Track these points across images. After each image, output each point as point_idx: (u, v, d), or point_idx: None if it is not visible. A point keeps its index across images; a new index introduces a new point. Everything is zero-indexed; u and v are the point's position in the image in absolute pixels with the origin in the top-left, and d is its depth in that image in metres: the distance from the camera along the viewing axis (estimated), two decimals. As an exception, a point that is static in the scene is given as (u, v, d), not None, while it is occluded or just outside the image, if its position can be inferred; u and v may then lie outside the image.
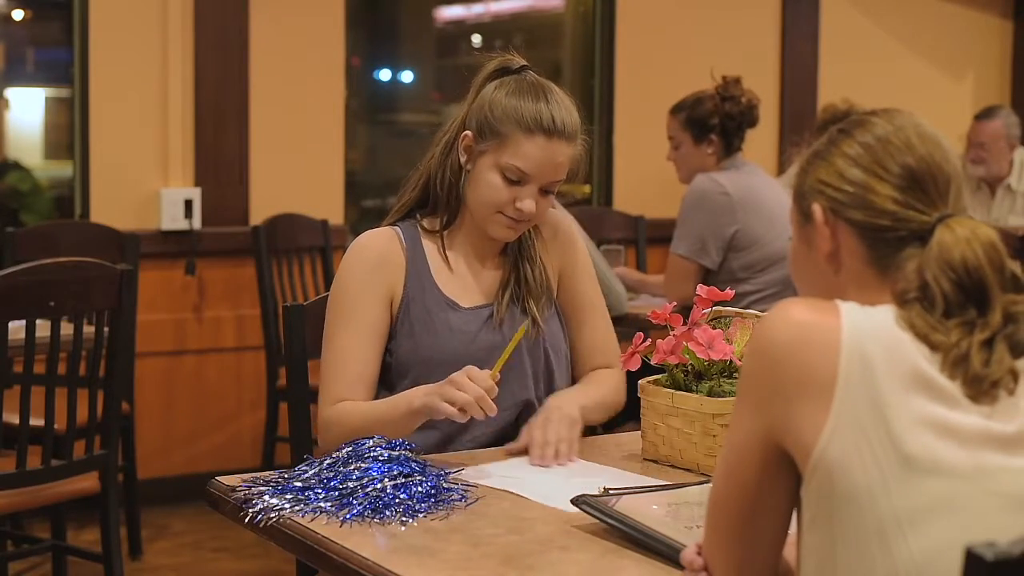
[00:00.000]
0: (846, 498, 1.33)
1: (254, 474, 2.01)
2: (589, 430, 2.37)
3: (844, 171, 1.45)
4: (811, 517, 1.37)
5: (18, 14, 5.47)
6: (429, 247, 2.36)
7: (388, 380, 2.31)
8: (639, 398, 2.24)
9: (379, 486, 1.88)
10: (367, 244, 2.34)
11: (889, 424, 1.32)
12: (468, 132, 2.31)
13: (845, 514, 1.33)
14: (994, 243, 1.39)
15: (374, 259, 2.31)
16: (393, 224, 2.38)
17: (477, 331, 2.32)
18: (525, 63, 2.36)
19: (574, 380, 2.42)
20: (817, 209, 1.46)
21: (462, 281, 2.36)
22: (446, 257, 2.36)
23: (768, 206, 4.08)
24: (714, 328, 2.16)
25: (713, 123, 4.17)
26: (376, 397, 2.29)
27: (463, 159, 2.32)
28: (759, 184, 4.18)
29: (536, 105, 2.26)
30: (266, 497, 1.89)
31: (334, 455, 1.99)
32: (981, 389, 1.35)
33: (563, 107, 2.28)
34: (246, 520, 1.88)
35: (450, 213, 2.36)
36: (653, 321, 2.24)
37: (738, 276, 4.08)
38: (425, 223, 2.38)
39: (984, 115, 5.77)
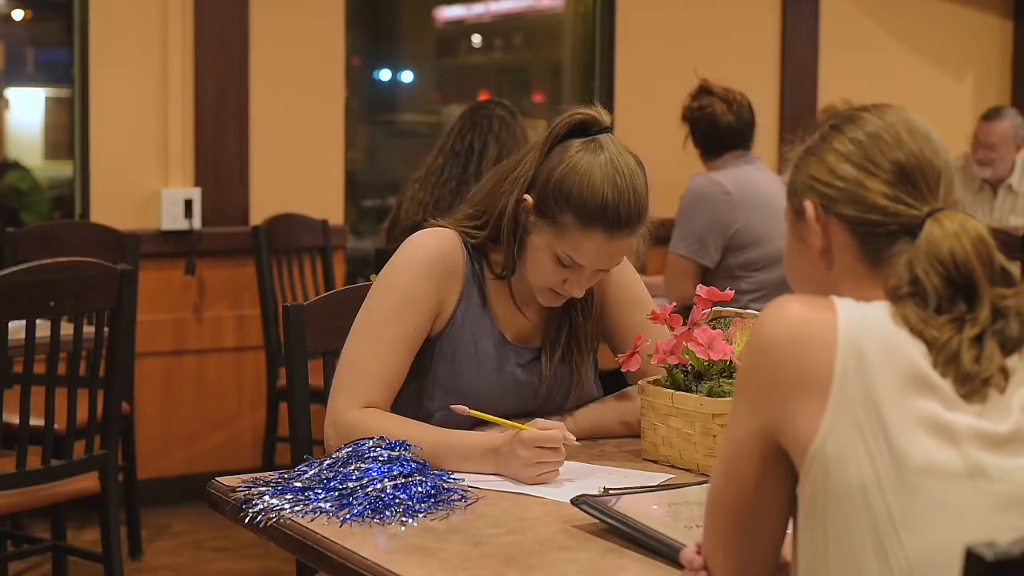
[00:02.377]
0: (840, 496, 1.33)
1: (254, 474, 2.01)
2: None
3: (835, 167, 1.46)
4: (806, 514, 1.37)
5: (18, 14, 5.48)
6: (487, 268, 2.25)
7: (407, 390, 2.22)
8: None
9: (379, 486, 1.88)
10: (432, 246, 2.20)
11: (885, 422, 1.33)
12: (528, 198, 2.16)
13: (839, 512, 1.34)
14: (982, 237, 1.40)
15: (438, 266, 2.18)
16: (458, 228, 2.24)
17: (518, 372, 2.25)
18: (607, 124, 2.17)
19: None
20: (809, 205, 1.47)
21: (513, 313, 2.26)
22: (503, 287, 2.25)
23: (770, 204, 4.08)
24: (714, 328, 2.16)
25: (684, 116, 4.27)
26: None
27: (522, 219, 2.18)
28: (762, 181, 4.19)
29: (602, 194, 2.09)
30: (266, 497, 1.89)
31: (334, 455, 1.99)
32: (972, 387, 1.35)
33: (633, 193, 2.11)
34: (246, 520, 1.88)
35: (511, 259, 2.22)
36: (653, 321, 2.24)
37: (736, 274, 4.09)
38: (490, 250, 2.25)
39: (992, 115, 5.74)
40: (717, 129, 4.24)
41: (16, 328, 3.05)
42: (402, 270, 2.19)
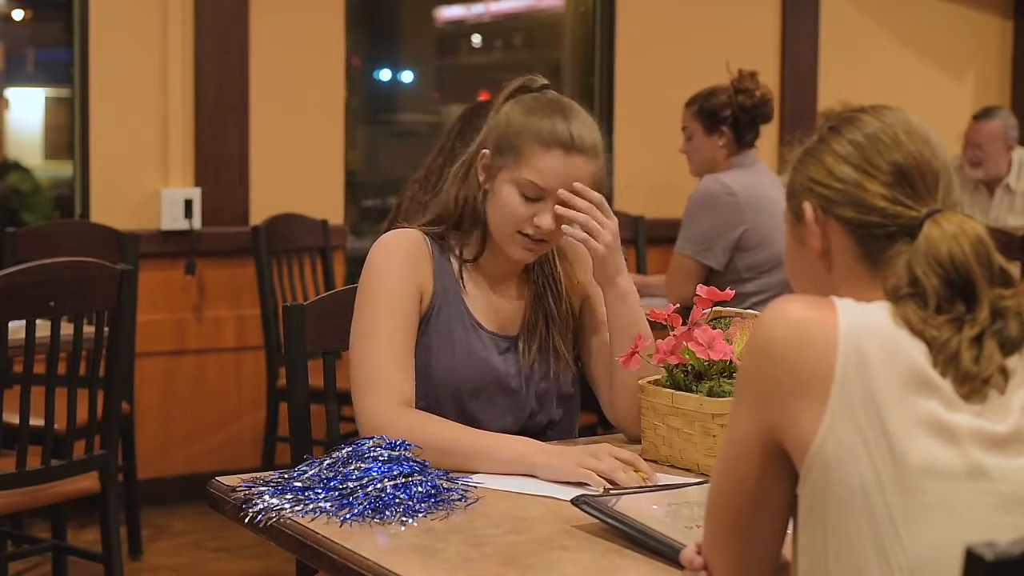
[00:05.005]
0: (841, 496, 1.33)
1: (254, 474, 2.01)
2: (588, 431, 2.36)
3: (834, 169, 1.46)
4: (806, 515, 1.37)
5: (18, 14, 5.47)
6: (455, 261, 2.31)
7: None
8: None
9: (379, 486, 1.88)
10: (400, 241, 2.27)
11: (885, 423, 1.33)
12: (486, 151, 2.27)
13: (839, 512, 1.34)
14: (981, 238, 1.40)
15: (409, 255, 2.26)
16: (419, 227, 2.31)
17: (496, 360, 2.28)
18: (547, 82, 2.32)
19: (598, 388, 2.37)
20: (808, 207, 1.47)
21: (486, 302, 2.31)
22: (476, 277, 2.31)
23: (775, 206, 4.08)
24: (714, 328, 2.16)
25: (725, 115, 4.21)
26: None
27: (482, 178, 2.27)
28: (767, 183, 4.19)
29: (554, 120, 2.21)
30: (266, 497, 1.89)
31: (334, 455, 1.99)
32: (972, 387, 1.35)
33: (583, 124, 2.23)
34: (246, 520, 1.88)
35: (480, 239, 2.30)
36: (651, 319, 2.25)
37: (743, 276, 4.08)
38: (452, 241, 2.32)
39: (982, 116, 5.76)
40: (763, 114, 4.24)
41: (16, 328, 3.05)
42: (379, 268, 2.25)
